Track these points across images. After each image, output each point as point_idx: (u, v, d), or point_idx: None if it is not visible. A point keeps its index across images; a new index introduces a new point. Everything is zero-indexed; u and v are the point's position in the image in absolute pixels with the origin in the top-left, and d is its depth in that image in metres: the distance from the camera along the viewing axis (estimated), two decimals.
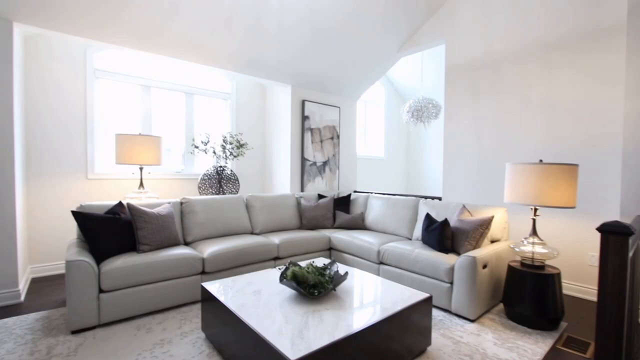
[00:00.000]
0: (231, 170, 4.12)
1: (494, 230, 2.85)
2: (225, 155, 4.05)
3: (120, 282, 2.26)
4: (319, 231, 3.67)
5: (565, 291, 3.03)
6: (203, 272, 2.68)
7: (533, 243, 2.40)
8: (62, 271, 3.42)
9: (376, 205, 3.79)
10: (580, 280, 2.96)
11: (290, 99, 4.47)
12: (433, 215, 3.16)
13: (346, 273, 1.95)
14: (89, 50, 3.53)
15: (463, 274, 2.39)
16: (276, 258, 3.17)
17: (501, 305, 2.70)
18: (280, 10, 3.29)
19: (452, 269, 2.47)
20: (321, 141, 4.77)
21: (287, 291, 1.98)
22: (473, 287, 2.35)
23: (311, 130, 4.64)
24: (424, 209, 3.32)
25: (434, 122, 6.92)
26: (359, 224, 3.79)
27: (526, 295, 2.31)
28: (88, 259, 2.19)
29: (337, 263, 2.19)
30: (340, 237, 3.46)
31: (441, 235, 2.69)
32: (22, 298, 2.72)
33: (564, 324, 2.39)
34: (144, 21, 2.96)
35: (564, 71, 3.05)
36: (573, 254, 2.99)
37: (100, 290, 2.23)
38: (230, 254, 2.79)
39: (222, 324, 1.83)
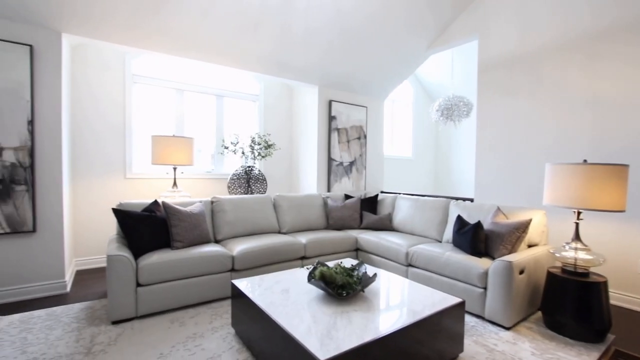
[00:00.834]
0: (259, 171, 4.20)
1: (532, 234, 2.70)
2: (254, 156, 4.13)
3: (155, 277, 2.37)
4: (345, 232, 3.65)
5: (612, 301, 2.82)
6: (232, 270, 2.75)
7: (576, 248, 2.25)
8: (103, 264, 3.63)
9: (404, 206, 3.72)
10: (630, 289, 2.74)
11: (317, 99, 4.49)
12: (465, 217, 3.05)
13: (375, 275, 1.93)
14: (127, 57, 3.73)
15: (498, 279, 2.28)
16: (303, 258, 3.19)
17: (539, 314, 2.56)
18: (307, 12, 3.31)
19: (485, 274, 2.37)
20: (348, 141, 4.75)
21: (315, 291, 1.98)
22: (509, 293, 2.24)
23: (338, 130, 4.63)
24: (454, 210, 3.21)
25: (464, 121, 6.69)
26: (386, 225, 3.73)
27: (568, 303, 2.17)
28: (127, 254, 2.31)
29: (365, 264, 2.16)
30: (368, 238, 3.42)
31: (474, 238, 2.59)
32: (68, 289, 2.92)
33: (610, 337, 2.22)
34: (177, 27, 3.08)
35: (610, 64, 2.84)
36: (621, 261, 2.78)
37: (138, 284, 2.34)
38: (259, 253, 2.84)
39: (251, 320, 1.87)
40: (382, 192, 5.05)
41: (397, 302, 1.87)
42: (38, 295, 2.75)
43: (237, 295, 2.03)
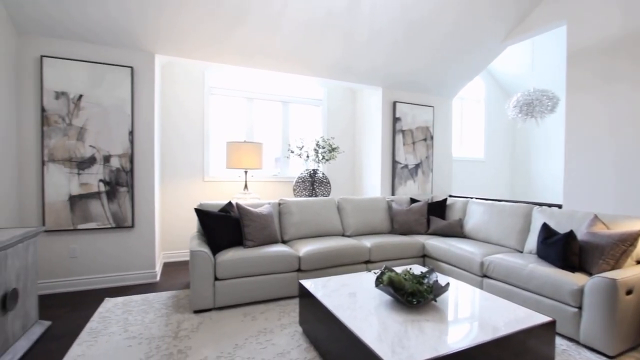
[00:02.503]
0: (323, 174, 4.27)
1: None
2: (318, 159, 4.22)
3: (231, 272, 2.56)
4: (411, 237, 3.51)
5: None
6: (299, 270, 2.83)
7: None
8: (185, 258, 4.04)
9: (477, 212, 3.44)
10: None
11: (381, 101, 4.42)
12: (552, 225, 2.70)
13: (447, 284, 1.82)
14: (206, 71, 4.11)
15: (598, 298, 1.97)
16: (367, 262, 3.15)
17: None
18: (372, 12, 3.28)
19: (580, 291, 2.06)
20: (413, 143, 4.58)
21: (383, 296, 1.94)
22: (612, 316, 1.92)
23: (402, 132, 4.50)
24: (539, 217, 2.87)
25: (548, 117, 5.96)
26: (456, 231, 3.49)
27: None
28: (207, 250, 2.54)
29: (436, 272, 2.05)
30: (436, 244, 3.24)
31: (565, 250, 2.28)
32: (158, 278, 3.30)
33: None
34: (250, 41, 3.30)
35: None
36: None
37: (216, 278, 2.55)
38: (324, 255, 2.88)
39: (318, 321, 1.90)
40: (450, 196, 4.75)
41: (472, 315, 1.74)
42: (134, 282, 3.17)
43: (305, 295, 2.09)
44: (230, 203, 3.04)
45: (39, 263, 2.85)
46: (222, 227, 2.77)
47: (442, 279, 2.22)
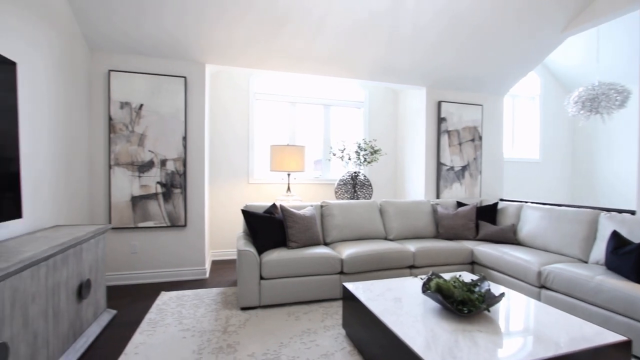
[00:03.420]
0: (364, 176, 4.23)
1: None
2: (360, 162, 4.19)
3: (275, 272, 2.63)
4: (458, 242, 3.35)
5: None
6: (341, 272, 2.83)
7: None
8: (231, 257, 4.22)
9: (533, 217, 3.20)
10: None
11: (425, 101, 4.28)
12: (623, 233, 2.43)
13: (502, 294, 1.71)
14: (251, 78, 4.28)
15: None
16: (411, 267, 3.06)
17: None
18: (416, 9, 3.18)
19: None
20: (460, 144, 4.38)
21: (430, 303, 1.87)
22: None
23: (448, 132, 4.32)
24: (607, 224, 2.60)
25: (616, 114, 5.38)
26: (509, 238, 3.27)
27: None
28: (253, 249, 2.64)
29: (488, 281, 1.94)
30: (486, 250, 3.06)
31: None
32: (207, 275, 3.49)
33: None
34: (293, 46, 3.38)
35: None
36: None
37: (261, 277, 2.63)
38: (366, 258, 2.85)
39: (363, 325, 1.88)
40: (501, 199, 4.46)
41: (530, 328, 1.61)
42: (186, 278, 3.37)
43: (348, 298, 2.08)
44: (274, 205, 3.13)
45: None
46: (267, 228, 2.85)
47: (495, 288, 2.09)
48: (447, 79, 4.18)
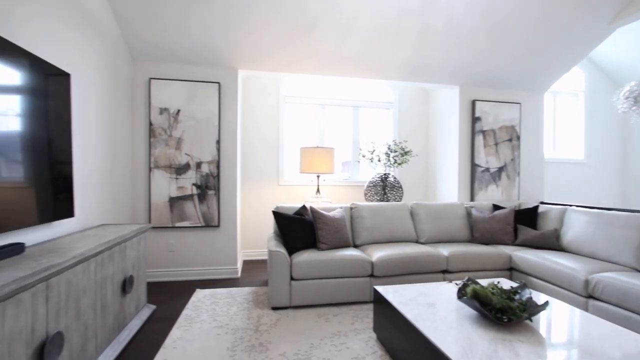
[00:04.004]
0: (394, 177, 4.17)
1: None
2: (390, 163, 4.13)
3: (305, 273, 2.65)
4: (495, 247, 3.20)
5: None
6: (372, 275, 2.80)
7: None
8: (261, 257, 4.30)
9: (579, 222, 2.99)
10: None
11: (458, 100, 4.14)
12: None
13: (546, 302, 1.61)
14: (281, 82, 4.36)
15: None
16: (445, 271, 2.96)
17: None
18: (449, 3, 3.08)
19: None
20: (496, 144, 4.19)
21: (465, 310, 1.80)
22: None
23: (483, 132, 4.15)
24: None
25: None
26: (551, 244, 3.08)
27: None
28: (283, 250, 2.67)
29: (529, 289, 1.83)
30: (526, 256, 2.90)
31: None
32: (239, 274, 3.58)
33: None
34: (322, 49, 3.40)
35: None
36: None
37: (292, 278, 2.66)
38: (397, 261, 2.80)
39: (395, 329, 1.85)
40: (542, 202, 4.21)
41: (578, 341, 1.51)
42: (219, 277, 3.48)
43: (380, 302, 2.05)
44: (304, 206, 3.16)
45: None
46: (297, 229, 2.89)
47: (536, 297, 1.98)
48: (482, 76, 4.02)
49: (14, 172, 1.59)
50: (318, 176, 3.89)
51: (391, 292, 2.06)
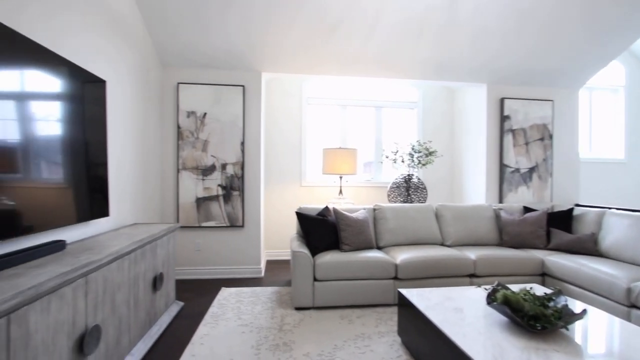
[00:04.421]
0: (418, 178, 4.09)
1: None
2: (414, 164, 4.06)
3: (329, 274, 2.65)
4: (526, 251, 3.07)
5: None
6: (395, 278, 2.76)
7: None
8: (284, 257, 4.34)
9: (619, 225, 2.81)
10: None
11: (486, 98, 4.01)
12: None
13: (584, 311, 1.52)
14: (303, 84, 4.39)
15: None
16: (472, 275, 2.87)
17: None
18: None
19: None
20: (526, 144, 4.01)
21: (495, 316, 1.73)
22: None
23: (512, 131, 3.99)
24: None
25: None
26: (588, 249, 2.91)
27: None
28: (306, 251, 2.69)
29: (565, 296, 1.74)
30: (561, 262, 2.76)
31: None
32: (262, 274, 3.64)
33: None
34: (345, 50, 3.39)
35: None
36: None
37: (315, 279, 2.67)
38: (422, 264, 2.74)
39: (420, 334, 1.81)
40: (577, 205, 3.99)
41: (619, 352, 1.41)
42: (244, 276, 3.55)
43: (404, 305, 2.02)
44: (327, 207, 3.16)
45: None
46: (320, 230, 2.89)
47: (571, 304, 1.87)
48: (512, 73, 3.87)
49: (54, 174, 1.70)
50: (341, 177, 3.88)
51: (416, 296, 2.02)
